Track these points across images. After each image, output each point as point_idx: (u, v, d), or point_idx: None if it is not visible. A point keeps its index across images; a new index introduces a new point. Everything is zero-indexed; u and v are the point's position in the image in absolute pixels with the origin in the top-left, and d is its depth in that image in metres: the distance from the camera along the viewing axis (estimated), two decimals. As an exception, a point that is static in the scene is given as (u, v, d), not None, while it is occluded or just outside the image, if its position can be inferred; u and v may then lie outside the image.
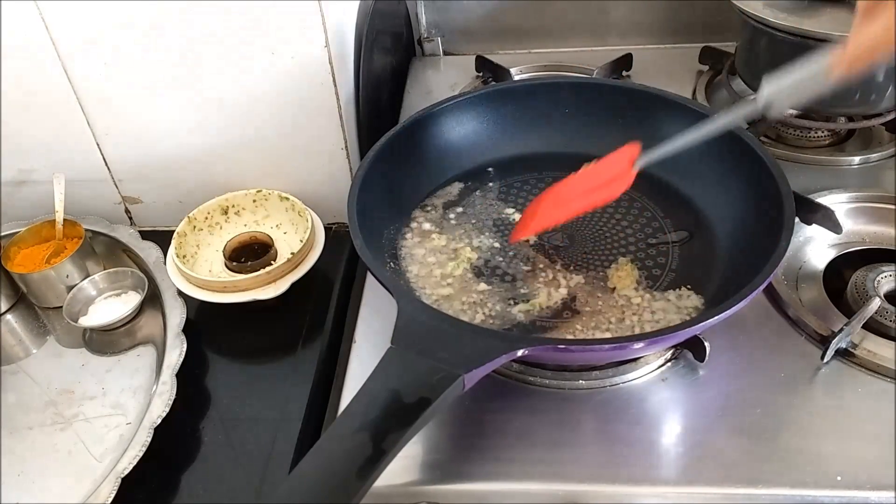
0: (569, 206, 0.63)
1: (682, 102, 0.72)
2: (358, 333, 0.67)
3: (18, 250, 0.78)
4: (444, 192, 0.75)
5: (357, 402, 0.47)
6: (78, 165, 0.81)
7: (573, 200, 0.63)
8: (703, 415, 0.58)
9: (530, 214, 0.65)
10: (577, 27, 1.05)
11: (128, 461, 0.58)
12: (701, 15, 1.02)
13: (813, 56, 0.51)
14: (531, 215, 0.65)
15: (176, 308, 0.71)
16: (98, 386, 0.69)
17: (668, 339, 0.54)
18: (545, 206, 0.64)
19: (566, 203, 0.63)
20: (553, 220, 0.64)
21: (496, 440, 0.57)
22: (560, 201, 0.63)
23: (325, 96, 0.74)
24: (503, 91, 0.79)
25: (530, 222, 0.64)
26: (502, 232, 0.71)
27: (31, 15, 0.70)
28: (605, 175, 0.63)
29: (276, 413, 0.65)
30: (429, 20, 1.07)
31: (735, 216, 0.65)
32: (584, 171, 0.65)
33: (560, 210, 0.63)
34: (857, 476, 0.52)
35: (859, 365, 0.60)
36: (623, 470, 0.54)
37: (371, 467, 0.43)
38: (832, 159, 0.81)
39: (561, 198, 0.64)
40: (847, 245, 0.71)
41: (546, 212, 0.64)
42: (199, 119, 0.77)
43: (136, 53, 0.72)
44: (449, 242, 0.69)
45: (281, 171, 0.81)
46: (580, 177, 0.64)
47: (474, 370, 0.48)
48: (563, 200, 0.63)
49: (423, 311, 0.53)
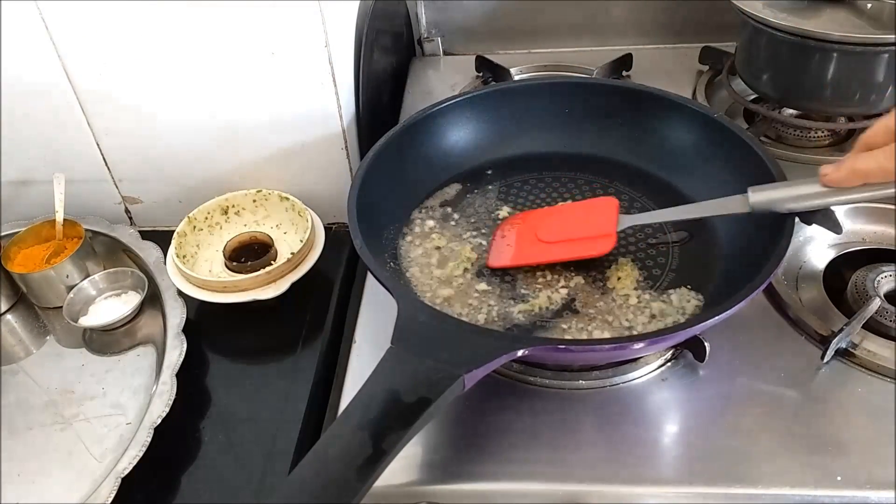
0: (550, 250, 0.65)
1: (682, 103, 0.72)
2: (358, 333, 0.67)
3: (18, 250, 0.78)
4: (443, 192, 0.75)
5: (357, 402, 0.47)
6: (78, 165, 0.81)
7: (557, 245, 0.65)
8: (703, 415, 0.58)
9: (511, 239, 0.67)
10: (577, 27, 1.05)
11: (128, 461, 0.58)
12: (701, 15, 1.02)
13: (804, 178, 0.56)
14: (513, 241, 0.66)
15: (176, 308, 0.71)
16: (98, 386, 0.69)
17: (668, 339, 0.54)
18: (526, 240, 0.66)
19: (549, 245, 0.65)
20: (533, 259, 0.65)
21: (496, 440, 0.57)
22: (544, 240, 0.65)
23: (324, 96, 0.74)
24: (503, 91, 0.79)
25: (508, 251, 0.66)
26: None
27: (31, 15, 0.70)
28: (589, 228, 0.65)
29: (276, 413, 0.65)
30: (429, 20, 1.07)
31: (735, 216, 0.65)
32: (566, 210, 0.69)
33: (542, 250, 0.65)
34: (857, 476, 0.52)
35: (859, 365, 0.60)
36: (623, 470, 0.54)
37: (371, 467, 0.43)
38: (832, 159, 0.81)
39: (545, 235, 0.66)
40: (847, 245, 0.71)
41: (527, 248, 0.65)
42: (199, 119, 0.77)
43: (135, 53, 0.72)
44: (449, 242, 0.69)
45: (281, 171, 0.81)
46: (562, 216, 0.67)
47: (474, 370, 0.48)
48: (548, 241, 0.65)
49: (423, 311, 0.53)
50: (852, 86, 0.77)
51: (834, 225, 0.66)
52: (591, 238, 0.64)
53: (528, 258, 0.65)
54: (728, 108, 0.93)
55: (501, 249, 0.67)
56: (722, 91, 0.93)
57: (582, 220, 0.66)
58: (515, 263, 0.65)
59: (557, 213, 0.69)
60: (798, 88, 0.80)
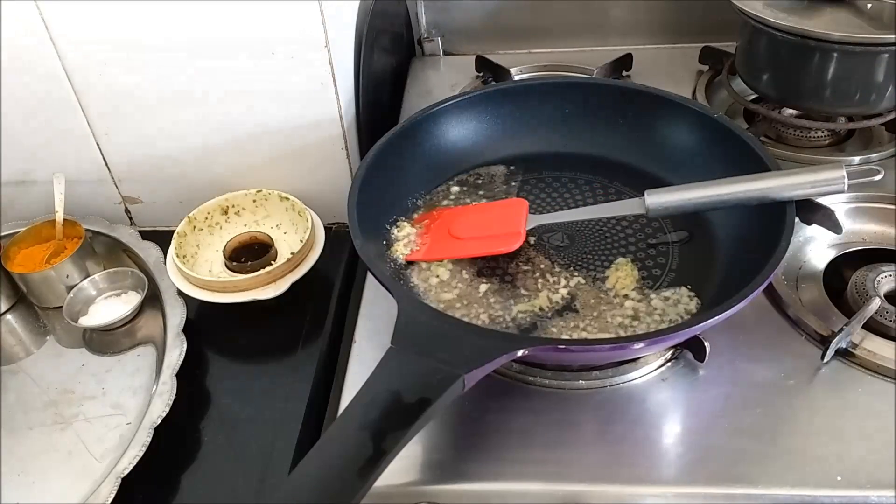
0: (464, 245, 0.66)
1: (681, 102, 0.72)
2: (358, 333, 0.67)
3: (18, 250, 0.78)
4: (444, 192, 0.75)
5: (357, 402, 0.47)
6: (78, 165, 0.81)
7: (469, 241, 0.66)
8: (703, 415, 0.58)
9: (425, 235, 0.69)
10: (577, 27, 1.05)
11: (128, 461, 0.58)
12: (701, 15, 1.02)
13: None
14: (426, 237, 0.68)
15: (176, 308, 0.71)
16: (98, 386, 0.69)
17: (669, 339, 0.54)
18: (440, 236, 0.68)
19: (462, 241, 0.67)
20: (446, 253, 0.66)
21: (496, 440, 0.57)
22: (456, 236, 0.67)
23: (325, 96, 0.74)
24: (503, 91, 0.79)
25: (423, 247, 0.67)
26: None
27: (31, 15, 0.70)
28: (499, 226, 0.67)
29: (276, 413, 0.65)
30: (429, 20, 1.07)
31: (735, 216, 0.65)
32: (478, 208, 0.71)
33: (454, 246, 0.67)
34: (857, 476, 0.52)
35: (859, 365, 0.60)
36: (623, 470, 0.54)
37: (371, 467, 0.43)
38: (832, 159, 0.81)
39: (457, 231, 0.67)
40: (847, 245, 0.71)
41: (441, 243, 0.67)
42: (199, 119, 0.77)
43: (135, 53, 0.72)
44: (449, 242, 0.69)
45: (281, 171, 0.81)
46: (475, 212, 0.70)
47: (474, 370, 0.48)
48: (460, 237, 0.67)
49: (423, 311, 0.53)
50: (852, 86, 0.77)
51: (834, 225, 0.66)
52: (500, 236, 0.66)
53: (441, 253, 0.66)
54: (728, 108, 0.93)
55: (418, 245, 0.68)
56: (722, 91, 0.93)
57: (492, 218, 0.68)
58: (428, 258, 0.66)
59: (470, 212, 0.71)
60: (798, 88, 0.80)
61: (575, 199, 0.73)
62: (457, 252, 0.66)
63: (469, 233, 0.67)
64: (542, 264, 0.67)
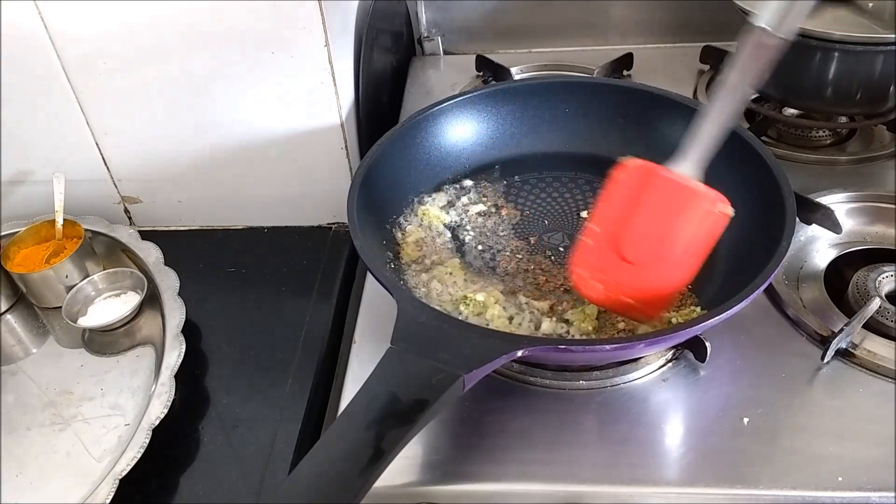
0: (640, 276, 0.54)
1: (682, 102, 0.72)
2: (358, 333, 0.66)
3: (18, 250, 0.78)
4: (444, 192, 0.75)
5: (357, 402, 0.47)
6: (78, 165, 0.81)
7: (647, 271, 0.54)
8: (703, 415, 0.57)
9: (595, 258, 0.56)
10: (577, 27, 1.05)
11: (126, 462, 0.58)
12: (702, 14, 1.02)
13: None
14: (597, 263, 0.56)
15: (175, 309, 0.71)
16: (97, 386, 0.69)
17: (669, 340, 0.54)
18: (610, 264, 0.56)
19: (637, 271, 0.54)
20: (623, 297, 0.56)
21: (496, 440, 0.56)
22: (627, 259, 0.55)
23: (325, 96, 0.74)
24: (503, 91, 0.78)
25: (596, 286, 0.56)
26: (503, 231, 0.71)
27: (31, 15, 0.69)
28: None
29: (276, 413, 0.65)
30: (429, 19, 1.07)
31: (735, 216, 0.65)
32: (654, 203, 0.55)
33: (629, 279, 0.55)
34: (857, 476, 0.52)
35: (860, 365, 0.60)
36: (624, 470, 0.54)
37: (371, 467, 0.43)
38: (833, 159, 0.81)
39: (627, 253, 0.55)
40: (848, 245, 0.71)
41: (612, 274, 0.55)
42: (199, 119, 0.77)
43: (135, 53, 0.72)
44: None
45: (280, 171, 0.81)
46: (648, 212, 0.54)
47: (474, 370, 0.47)
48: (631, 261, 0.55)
49: (423, 311, 0.53)
50: (853, 85, 0.77)
51: (833, 224, 0.66)
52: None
53: (618, 292, 0.54)
54: (728, 108, 0.92)
55: (590, 276, 0.55)
56: (722, 91, 0.92)
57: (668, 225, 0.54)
58: (605, 303, 0.56)
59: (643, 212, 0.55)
60: (799, 88, 0.80)
61: (575, 199, 0.73)
62: (635, 293, 0.52)
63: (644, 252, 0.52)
64: (542, 265, 0.67)
